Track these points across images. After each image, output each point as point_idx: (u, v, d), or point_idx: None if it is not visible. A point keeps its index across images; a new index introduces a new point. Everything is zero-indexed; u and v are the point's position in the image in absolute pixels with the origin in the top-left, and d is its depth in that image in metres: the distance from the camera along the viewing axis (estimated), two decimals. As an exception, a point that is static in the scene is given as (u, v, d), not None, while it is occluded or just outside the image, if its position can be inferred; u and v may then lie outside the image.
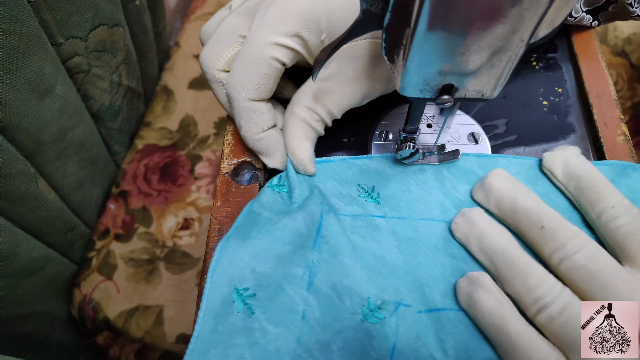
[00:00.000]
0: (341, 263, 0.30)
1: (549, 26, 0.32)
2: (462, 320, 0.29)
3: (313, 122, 0.33)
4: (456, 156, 0.34)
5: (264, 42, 0.30)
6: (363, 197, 0.34)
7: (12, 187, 0.39)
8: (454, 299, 0.30)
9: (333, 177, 0.34)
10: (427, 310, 0.29)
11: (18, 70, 0.37)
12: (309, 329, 0.28)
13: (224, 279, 0.28)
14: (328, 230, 0.31)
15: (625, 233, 0.27)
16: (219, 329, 0.27)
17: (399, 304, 0.29)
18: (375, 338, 0.28)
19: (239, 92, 0.32)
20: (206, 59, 0.34)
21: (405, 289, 0.30)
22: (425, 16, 0.21)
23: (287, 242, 0.30)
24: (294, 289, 0.29)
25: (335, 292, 0.29)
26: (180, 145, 0.65)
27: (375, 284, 0.30)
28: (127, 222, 0.60)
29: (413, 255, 0.31)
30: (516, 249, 0.28)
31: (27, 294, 0.45)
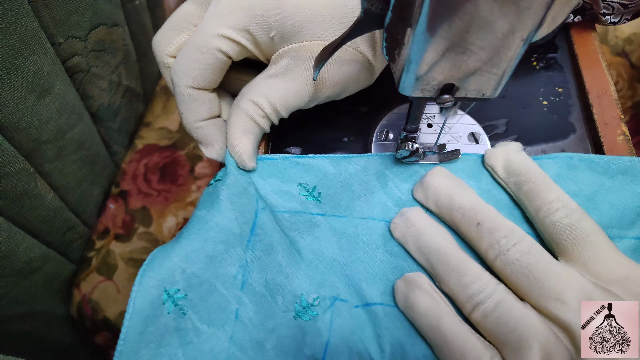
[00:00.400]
0: (274, 261, 0.30)
1: (549, 26, 0.32)
2: (398, 316, 0.29)
3: (257, 117, 0.32)
4: (456, 156, 0.34)
5: (211, 33, 0.30)
6: (303, 195, 0.33)
7: (11, 186, 0.39)
8: (391, 296, 0.30)
9: (276, 174, 0.34)
10: (363, 305, 0.29)
11: (17, 70, 0.37)
12: (242, 328, 0.28)
13: (153, 280, 0.28)
14: (262, 228, 0.31)
15: (561, 228, 0.27)
16: (148, 330, 0.27)
17: (335, 299, 0.29)
18: (309, 334, 0.28)
19: (181, 78, 0.32)
20: (157, 42, 0.34)
21: (342, 284, 0.30)
22: (425, 16, 0.21)
23: (218, 242, 0.30)
24: (228, 289, 0.29)
25: (268, 291, 0.29)
26: (180, 145, 0.65)
27: (311, 279, 0.30)
28: (127, 222, 0.60)
29: (351, 251, 0.31)
30: (452, 247, 0.28)
31: (26, 293, 0.45)
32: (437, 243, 0.29)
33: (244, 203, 0.31)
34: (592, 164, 0.34)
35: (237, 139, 0.32)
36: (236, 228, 0.31)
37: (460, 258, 0.28)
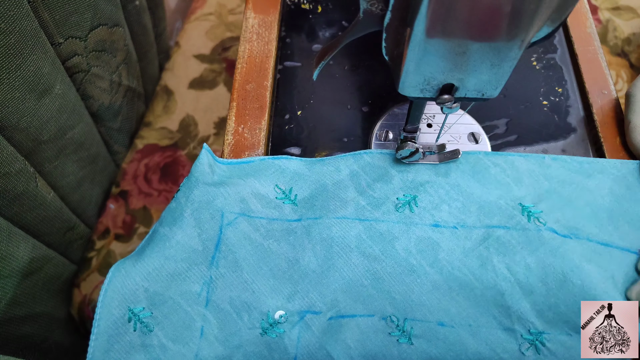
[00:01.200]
0: (240, 278, 0.30)
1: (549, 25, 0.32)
2: (371, 326, 0.29)
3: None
4: (456, 156, 0.34)
5: None
6: (280, 198, 0.34)
7: (11, 186, 0.39)
8: (365, 303, 0.29)
9: (253, 174, 0.34)
10: (337, 317, 0.29)
11: (16, 70, 0.37)
12: (207, 345, 0.28)
13: (115, 300, 0.29)
14: (227, 244, 0.31)
15: None
16: (115, 347, 0.28)
17: (305, 313, 0.29)
18: (275, 351, 0.28)
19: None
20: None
21: (316, 295, 0.30)
22: (425, 16, 0.21)
23: (179, 260, 0.30)
24: (192, 306, 0.29)
25: (233, 308, 0.29)
26: (181, 145, 0.65)
27: (280, 293, 0.30)
28: (128, 222, 0.60)
29: (326, 257, 0.31)
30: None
31: (26, 294, 0.44)
32: None
33: (207, 219, 0.31)
34: (565, 164, 0.34)
35: None
36: (199, 245, 0.31)
37: None
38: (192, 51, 0.72)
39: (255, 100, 0.39)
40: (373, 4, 0.24)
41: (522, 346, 0.28)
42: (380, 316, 0.29)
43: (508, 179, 0.34)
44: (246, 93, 0.40)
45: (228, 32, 0.73)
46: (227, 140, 0.38)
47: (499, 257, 0.30)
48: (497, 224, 0.32)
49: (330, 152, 0.37)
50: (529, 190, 0.33)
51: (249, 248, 0.31)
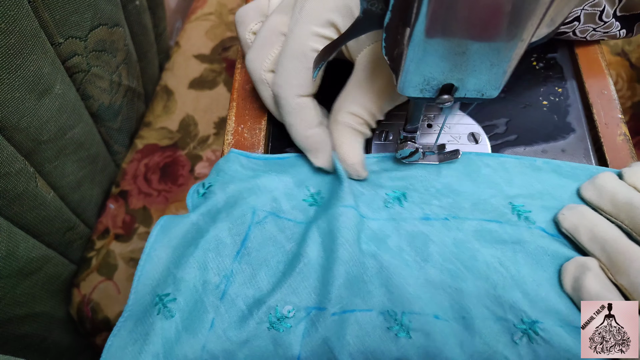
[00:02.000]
0: (257, 276, 0.30)
1: (549, 26, 0.32)
2: (369, 321, 0.29)
3: (358, 125, 0.33)
4: (456, 156, 0.34)
5: (303, 35, 0.31)
6: (307, 201, 0.34)
7: (11, 186, 0.39)
8: (364, 298, 0.30)
9: (288, 171, 0.35)
10: (340, 312, 0.29)
11: (16, 70, 0.37)
12: (215, 338, 0.28)
13: (147, 287, 0.30)
14: (253, 242, 0.31)
15: None
16: (137, 329, 0.28)
17: (312, 309, 0.29)
18: (281, 347, 0.28)
19: (286, 89, 0.32)
20: (252, 61, 0.34)
21: (323, 290, 0.30)
22: (425, 16, 0.21)
23: (209, 250, 0.31)
24: (208, 297, 0.29)
25: (245, 304, 0.30)
26: (181, 145, 0.65)
27: (292, 290, 0.30)
28: (128, 222, 0.60)
29: (333, 250, 0.31)
30: (629, 240, 0.29)
31: (25, 294, 0.45)
32: (614, 234, 0.29)
33: (239, 215, 0.32)
34: (557, 168, 0.34)
35: (346, 152, 0.33)
36: (228, 239, 0.31)
37: (639, 250, 0.28)
38: (192, 51, 0.72)
39: (255, 100, 0.39)
40: (373, 3, 0.24)
41: (514, 335, 0.28)
42: (378, 311, 0.29)
43: (499, 180, 0.34)
44: (246, 93, 0.40)
45: (228, 32, 0.73)
46: (227, 140, 0.38)
47: (491, 250, 0.31)
48: (491, 219, 0.32)
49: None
50: (520, 190, 0.33)
51: (272, 249, 0.31)
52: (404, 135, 0.33)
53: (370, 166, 0.35)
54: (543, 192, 0.33)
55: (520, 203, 0.33)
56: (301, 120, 0.33)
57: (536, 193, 0.33)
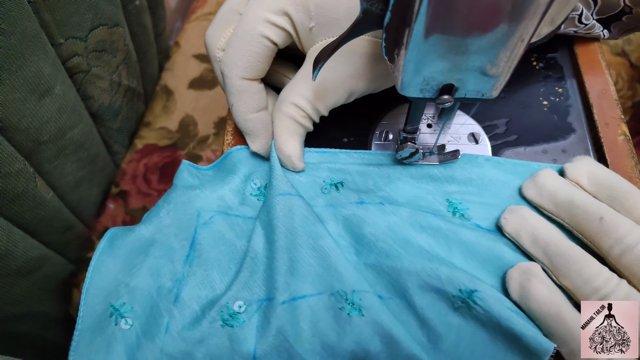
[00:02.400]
0: (209, 276, 0.31)
1: (549, 26, 0.32)
2: (321, 305, 0.29)
3: (300, 118, 0.33)
4: (456, 156, 0.34)
5: (254, 19, 0.31)
6: (255, 195, 0.34)
7: (10, 186, 0.39)
8: (313, 282, 0.30)
9: (233, 170, 0.36)
10: (290, 300, 0.29)
11: (17, 71, 0.37)
12: (171, 340, 0.29)
13: (98, 297, 0.30)
14: (201, 244, 0.32)
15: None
16: (96, 341, 0.29)
17: (262, 302, 0.30)
18: (236, 342, 0.29)
19: (231, 69, 0.32)
20: (209, 37, 0.35)
21: (270, 280, 0.30)
22: (425, 16, 0.21)
23: (159, 257, 0.31)
24: (162, 302, 0.30)
25: (198, 305, 0.30)
26: (180, 145, 0.65)
27: (241, 284, 0.30)
28: (127, 222, 0.60)
29: (274, 240, 0.31)
30: (569, 241, 0.29)
31: (24, 293, 0.44)
32: (555, 236, 0.29)
33: (184, 219, 0.33)
34: (498, 165, 0.35)
35: (284, 142, 0.33)
36: (176, 244, 0.32)
37: (579, 251, 0.28)
38: (192, 51, 0.72)
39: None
40: (373, 3, 0.24)
41: (454, 304, 0.29)
42: (329, 293, 0.29)
43: (440, 176, 0.34)
44: (246, 93, 0.40)
45: (228, 32, 0.73)
46: (227, 140, 0.38)
47: (424, 235, 0.31)
48: (425, 211, 0.32)
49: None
50: (459, 187, 0.34)
51: (222, 248, 0.32)
52: (404, 136, 0.33)
53: (310, 159, 0.36)
54: (482, 188, 0.34)
55: (457, 200, 0.33)
56: (243, 103, 0.33)
57: (475, 190, 0.34)
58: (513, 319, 0.27)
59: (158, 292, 0.30)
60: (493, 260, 0.30)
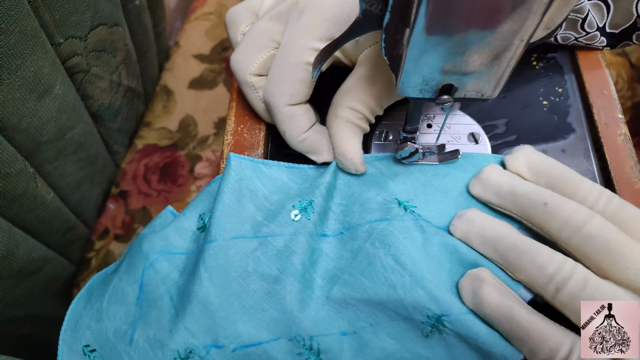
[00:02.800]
0: (156, 317, 0.31)
1: (549, 26, 0.32)
2: (279, 349, 0.29)
3: (357, 120, 0.33)
4: (456, 156, 0.34)
5: (300, 48, 0.31)
6: (200, 228, 0.34)
7: (11, 186, 0.39)
8: (269, 328, 0.29)
9: (187, 208, 0.35)
10: (242, 347, 0.29)
11: (17, 70, 0.36)
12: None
13: (72, 338, 0.32)
14: (148, 285, 0.32)
15: (613, 211, 0.28)
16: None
17: (210, 347, 0.29)
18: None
19: (278, 98, 0.32)
20: (238, 62, 0.35)
21: (218, 327, 0.29)
22: (424, 17, 0.21)
23: (115, 302, 0.32)
24: (120, 344, 0.31)
25: (150, 346, 0.30)
26: (180, 145, 0.65)
27: (186, 330, 0.30)
28: (127, 222, 0.60)
29: (225, 286, 0.30)
30: (517, 234, 0.29)
31: (25, 295, 0.45)
32: (502, 232, 0.29)
33: (135, 262, 0.33)
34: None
35: (346, 146, 0.33)
36: (127, 287, 0.33)
37: (529, 241, 0.28)
38: (192, 51, 0.72)
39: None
40: (372, 4, 0.24)
41: (424, 331, 0.28)
42: (286, 338, 0.29)
43: (385, 177, 0.34)
44: (246, 93, 0.40)
45: (228, 32, 0.73)
46: (227, 140, 0.38)
47: (385, 249, 0.30)
48: (379, 218, 0.31)
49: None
50: (405, 185, 0.34)
51: (164, 289, 0.32)
52: (404, 136, 0.33)
53: (280, 173, 0.35)
54: (427, 184, 0.33)
55: (405, 199, 0.33)
56: (294, 127, 0.33)
57: (420, 186, 0.33)
58: (481, 337, 0.27)
59: (115, 334, 0.31)
60: (452, 259, 0.30)
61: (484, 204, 0.32)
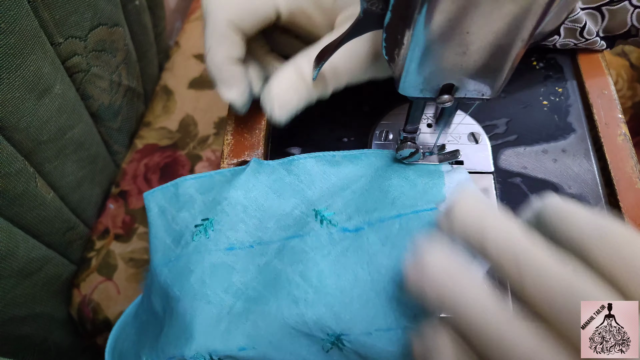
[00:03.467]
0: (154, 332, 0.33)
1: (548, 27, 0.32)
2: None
3: (308, 77, 0.30)
4: (456, 156, 0.34)
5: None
6: (198, 235, 0.32)
7: (11, 186, 0.39)
8: (164, 350, 0.30)
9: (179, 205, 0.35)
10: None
11: (16, 70, 0.37)
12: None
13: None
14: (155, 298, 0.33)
15: None
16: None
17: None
18: None
19: (223, 10, 0.29)
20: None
21: (147, 346, 0.32)
22: (424, 16, 0.21)
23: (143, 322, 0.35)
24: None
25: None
26: (181, 145, 0.65)
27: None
28: (127, 222, 0.60)
29: (148, 308, 0.35)
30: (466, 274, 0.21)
31: (25, 294, 0.45)
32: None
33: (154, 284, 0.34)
34: (353, 159, 0.34)
35: (277, 86, 0.30)
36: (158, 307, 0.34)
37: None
38: (191, 51, 0.72)
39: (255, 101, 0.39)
40: (373, 3, 0.24)
41: (324, 347, 0.28)
42: (191, 356, 0.29)
43: (302, 185, 0.33)
44: (246, 93, 0.40)
45: (228, 32, 0.73)
46: (227, 140, 0.38)
47: (292, 266, 0.29)
48: (292, 235, 0.31)
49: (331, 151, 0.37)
50: (322, 192, 0.32)
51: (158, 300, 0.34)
52: (404, 136, 0.33)
53: (189, 188, 0.34)
54: (342, 187, 0.32)
55: (323, 207, 0.31)
56: (222, 48, 0.30)
57: (337, 190, 0.32)
58: (382, 357, 0.27)
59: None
60: (359, 271, 0.29)
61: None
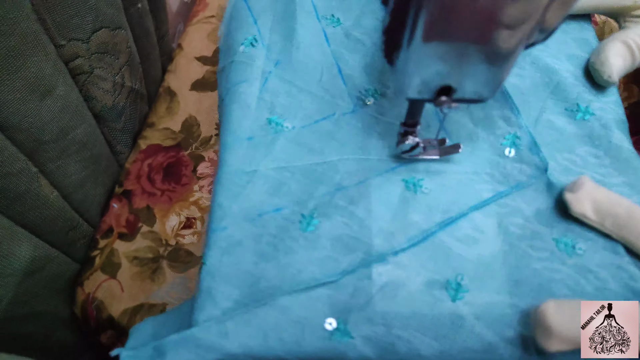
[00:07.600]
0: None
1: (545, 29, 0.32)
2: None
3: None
4: (457, 150, 0.34)
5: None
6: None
7: (13, 185, 0.40)
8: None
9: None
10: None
11: (17, 71, 0.37)
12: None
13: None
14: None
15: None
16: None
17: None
18: None
19: None
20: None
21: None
22: (423, 20, 0.22)
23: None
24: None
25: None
26: (184, 146, 0.65)
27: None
28: (131, 221, 0.60)
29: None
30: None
31: (29, 293, 0.45)
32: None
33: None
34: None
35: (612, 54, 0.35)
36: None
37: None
38: (194, 53, 0.72)
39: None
40: (370, 5, 0.24)
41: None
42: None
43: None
44: (245, 93, 0.40)
45: (230, 33, 0.73)
46: (227, 140, 0.38)
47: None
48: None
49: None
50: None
51: None
52: (405, 129, 0.33)
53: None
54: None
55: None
56: None
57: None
58: None
59: None
60: None
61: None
